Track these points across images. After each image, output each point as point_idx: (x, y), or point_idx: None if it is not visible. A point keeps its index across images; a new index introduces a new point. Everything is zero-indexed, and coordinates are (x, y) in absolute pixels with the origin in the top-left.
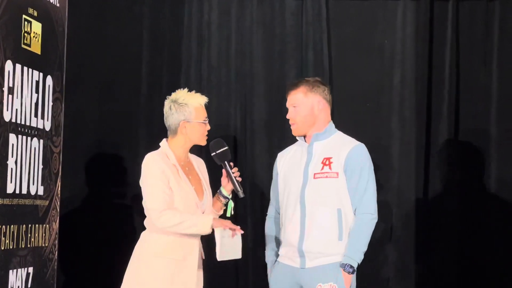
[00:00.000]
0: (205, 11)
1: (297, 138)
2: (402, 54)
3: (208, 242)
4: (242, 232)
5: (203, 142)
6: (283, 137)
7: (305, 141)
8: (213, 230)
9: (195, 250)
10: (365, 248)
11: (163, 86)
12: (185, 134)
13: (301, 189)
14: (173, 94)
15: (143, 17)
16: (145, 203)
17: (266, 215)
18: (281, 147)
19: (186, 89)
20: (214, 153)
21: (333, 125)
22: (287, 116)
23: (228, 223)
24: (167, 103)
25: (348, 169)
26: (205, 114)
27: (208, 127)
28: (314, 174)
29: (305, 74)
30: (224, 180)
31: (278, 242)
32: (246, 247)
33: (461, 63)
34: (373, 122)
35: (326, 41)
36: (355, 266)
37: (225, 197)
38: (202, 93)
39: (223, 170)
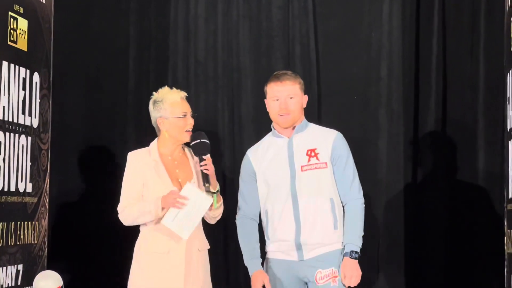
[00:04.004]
0: (191, 6)
1: (271, 128)
2: (389, 47)
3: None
4: (186, 204)
5: (185, 138)
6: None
7: (279, 132)
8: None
9: (182, 242)
10: (362, 233)
11: (150, 82)
12: (165, 131)
13: (290, 183)
14: (154, 93)
15: (129, 12)
16: None
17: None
18: None
19: (166, 87)
20: (191, 144)
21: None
22: (282, 106)
23: (175, 196)
24: (150, 103)
25: (335, 157)
26: (184, 109)
27: (190, 121)
28: (301, 167)
29: (292, 68)
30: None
31: (255, 242)
32: (236, 241)
33: (448, 55)
34: (360, 115)
35: (313, 35)
36: (359, 251)
37: (209, 191)
38: (190, 88)
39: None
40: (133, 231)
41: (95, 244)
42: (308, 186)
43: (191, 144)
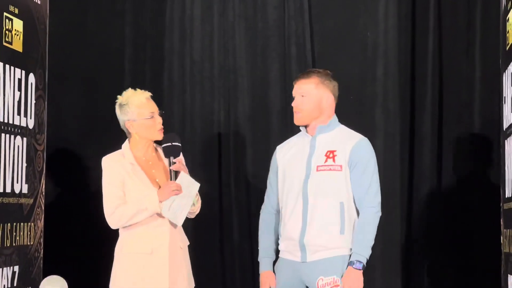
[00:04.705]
0: (187, 6)
1: (300, 128)
2: (384, 46)
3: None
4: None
5: (158, 137)
6: (267, 131)
7: (307, 132)
8: None
9: (165, 242)
10: (372, 243)
11: (146, 82)
12: (135, 133)
13: (304, 181)
14: (119, 96)
15: (125, 12)
16: None
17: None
18: (265, 142)
19: (130, 89)
20: (162, 146)
21: (336, 119)
22: (293, 104)
23: (172, 186)
24: (116, 107)
25: (353, 162)
26: (151, 109)
27: (159, 120)
28: (317, 166)
29: (288, 68)
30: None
31: (272, 239)
32: (232, 241)
33: (444, 54)
34: (357, 114)
35: (309, 35)
36: (364, 261)
37: None
38: (186, 88)
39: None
40: None
41: (91, 245)
42: (319, 186)
43: (162, 146)
